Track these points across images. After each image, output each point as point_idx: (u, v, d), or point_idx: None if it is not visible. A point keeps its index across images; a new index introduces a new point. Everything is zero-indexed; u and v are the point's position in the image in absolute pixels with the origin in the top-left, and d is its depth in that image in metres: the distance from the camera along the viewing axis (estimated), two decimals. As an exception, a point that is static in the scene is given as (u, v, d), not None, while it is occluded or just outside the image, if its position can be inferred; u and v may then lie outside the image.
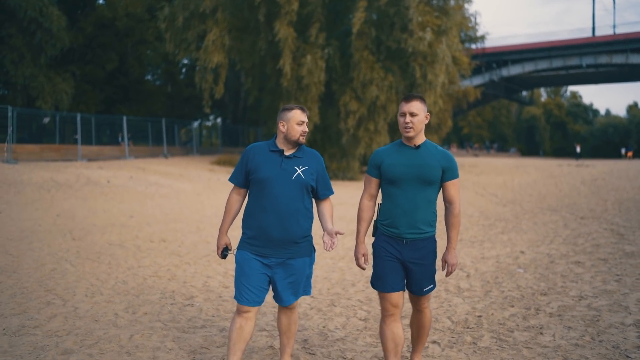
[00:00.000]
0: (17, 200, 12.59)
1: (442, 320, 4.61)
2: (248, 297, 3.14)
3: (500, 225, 10.59)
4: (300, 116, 3.22)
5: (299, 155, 3.24)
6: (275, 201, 3.13)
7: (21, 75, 27.82)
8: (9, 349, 3.80)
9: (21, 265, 6.47)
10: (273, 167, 3.18)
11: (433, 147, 3.21)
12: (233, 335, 3.17)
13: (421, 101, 3.16)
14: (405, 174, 3.12)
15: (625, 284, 5.65)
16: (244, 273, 3.16)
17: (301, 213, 3.18)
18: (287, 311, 3.33)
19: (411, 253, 3.13)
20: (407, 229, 3.12)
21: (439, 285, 5.83)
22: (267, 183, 3.16)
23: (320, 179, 3.29)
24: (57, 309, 4.79)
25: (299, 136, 3.21)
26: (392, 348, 3.19)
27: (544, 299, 5.20)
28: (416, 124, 3.12)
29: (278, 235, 3.13)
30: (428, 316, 3.35)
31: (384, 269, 3.17)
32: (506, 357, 3.75)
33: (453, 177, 3.18)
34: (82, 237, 8.54)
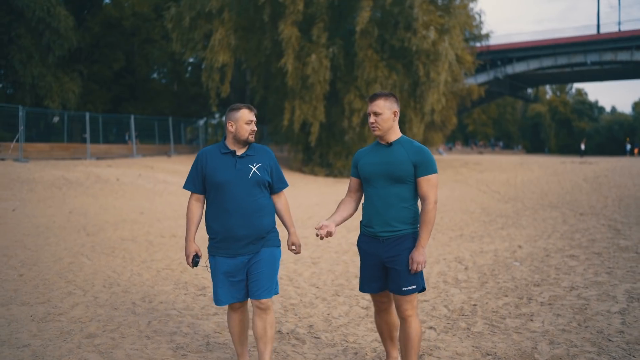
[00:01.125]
0: (30, 197, 12.95)
1: (439, 309, 4.90)
2: (228, 297, 3.24)
3: (500, 221, 10.86)
4: (248, 115, 3.24)
5: (251, 154, 3.29)
6: (236, 202, 3.17)
7: (29, 75, 28.24)
8: (38, 333, 4.13)
9: (40, 259, 6.80)
10: (228, 169, 3.22)
11: (407, 143, 3.16)
12: (235, 329, 3.34)
13: (385, 99, 3.13)
14: (376, 171, 3.12)
15: (616, 275, 5.92)
16: (219, 278, 3.25)
17: (263, 209, 3.24)
18: (261, 314, 3.25)
19: (388, 251, 3.09)
20: (381, 227, 3.10)
21: (437, 277, 6.12)
22: (226, 186, 3.19)
23: (274, 174, 3.35)
24: (78, 298, 5.12)
25: (248, 135, 3.24)
26: (386, 333, 3.35)
27: (537, 289, 5.48)
28: (381, 123, 3.12)
29: (244, 232, 3.18)
30: (414, 327, 3.12)
31: (364, 271, 3.23)
32: (497, 341, 4.04)
33: (426, 172, 3.09)
34: (96, 233, 8.88)
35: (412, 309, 3.10)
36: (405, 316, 3.10)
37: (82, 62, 32.84)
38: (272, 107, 26.20)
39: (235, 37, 22.98)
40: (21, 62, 28.11)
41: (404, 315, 3.11)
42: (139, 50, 36.15)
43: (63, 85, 29.56)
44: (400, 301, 3.09)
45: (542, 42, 50.75)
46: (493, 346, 3.93)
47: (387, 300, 3.28)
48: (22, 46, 27.66)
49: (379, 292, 3.23)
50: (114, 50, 33.98)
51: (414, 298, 3.09)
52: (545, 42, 50.56)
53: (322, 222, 3.09)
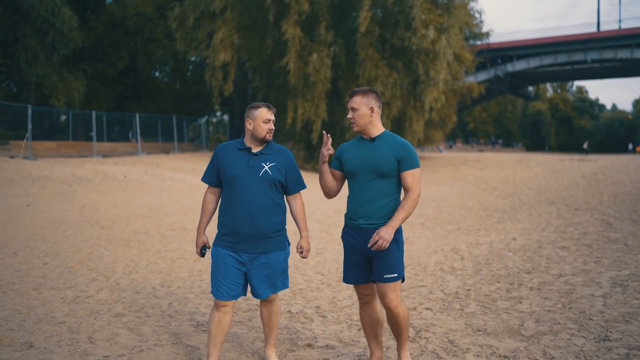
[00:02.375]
0: (42, 194, 13.36)
1: (435, 292, 5.30)
2: (223, 292, 3.23)
3: (497, 215, 11.25)
4: (267, 114, 3.27)
5: (267, 152, 3.30)
6: (244, 198, 3.21)
7: (35, 74, 28.62)
8: (70, 313, 4.54)
9: (61, 249, 7.21)
10: (241, 165, 3.25)
11: (390, 138, 3.20)
12: (213, 329, 3.28)
13: (363, 95, 3.17)
14: (359, 166, 3.17)
15: (603, 264, 6.32)
16: (219, 269, 3.26)
17: (271, 209, 3.24)
18: (267, 304, 3.39)
19: None
20: (364, 220, 3.15)
21: (435, 265, 6.52)
22: (236, 181, 3.23)
23: (290, 175, 3.33)
24: (102, 283, 5.53)
25: (265, 134, 3.26)
26: (370, 331, 3.35)
27: (527, 276, 5.88)
28: (357, 119, 3.16)
29: (249, 231, 3.20)
30: (401, 316, 3.19)
31: (347, 262, 3.28)
32: (487, 320, 4.44)
33: (410, 167, 3.13)
34: (110, 227, 9.29)
35: (397, 298, 3.14)
36: (392, 307, 3.14)
37: (86, 62, 33.23)
38: (274, 106, 26.53)
39: (238, 36, 23.41)
40: (26, 62, 28.48)
41: (390, 306, 3.14)
42: (142, 49, 36.55)
43: (68, 84, 29.93)
44: (385, 290, 3.12)
45: (543, 40, 51.09)
46: (484, 324, 4.33)
47: (371, 293, 3.30)
48: (27, 46, 28.05)
49: (362, 283, 3.25)
50: (118, 49, 34.36)
51: (398, 287, 3.14)
52: (545, 40, 50.89)
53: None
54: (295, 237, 5.19)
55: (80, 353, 3.68)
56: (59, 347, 3.77)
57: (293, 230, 5.89)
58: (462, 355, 3.69)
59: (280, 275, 3.34)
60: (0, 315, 4.43)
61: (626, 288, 5.24)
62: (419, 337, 4.05)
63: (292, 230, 5.70)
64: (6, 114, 22.28)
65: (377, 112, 3.20)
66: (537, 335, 4.04)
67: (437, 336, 4.07)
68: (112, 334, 4.06)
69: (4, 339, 3.89)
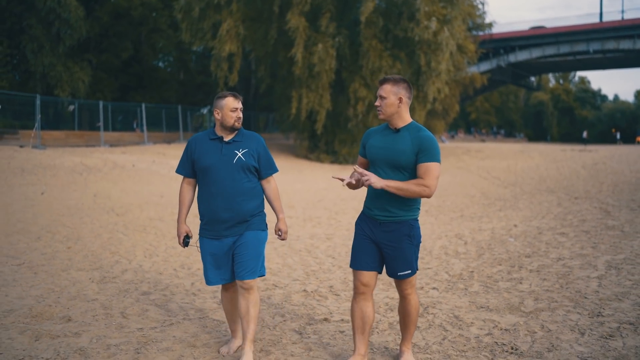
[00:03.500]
0: (54, 182, 13.69)
1: (440, 274, 5.63)
2: (218, 278, 3.41)
3: (499, 204, 11.56)
4: (233, 103, 3.33)
5: (238, 140, 3.38)
6: (221, 185, 3.30)
7: (40, 64, 28.84)
8: (100, 291, 4.87)
9: (81, 235, 7.54)
10: (214, 154, 3.33)
11: (415, 131, 3.12)
12: (227, 307, 3.53)
13: (393, 84, 3.12)
14: (378, 155, 3.15)
15: (600, 249, 6.63)
16: (207, 259, 3.42)
17: (247, 193, 3.34)
18: (244, 293, 3.35)
19: (384, 235, 3.13)
20: (379, 211, 3.14)
21: (440, 250, 6.84)
22: (211, 170, 3.32)
23: (262, 159, 3.42)
24: (125, 265, 5.86)
25: (234, 122, 3.33)
26: (359, 326, 3.24)
27: (528, 259, 6.20)
28: (384, 107, 3.11)
29: (227, 216, 3.30)
30: (413, 303, 3.25)
31: (357, 246, 3.24)
32: (490, 298, 4.76)
33: (426, 159, 3.03)
34: (124, 214, 9.62)
35: (411, 287, 3.20)
36: (405, 294, 3.21)
37: (91, 52, 33.44)
38: (278, 96, 26.86)
39: (243, 27, 23.59)
40: (32, 52, 28.71)
41: (403, 294, 3.22)
42: (147, 39, 36.73)
43: (73, 74, 30.16)
44: (399, 282, 3.20)
45: (545, 30, 51.09)
46: (486, 301, 4.66)
47: (369, 284, 3.21)
48: (33, 36, 28.26)
49: (368, 270, 3.19)
50: (122, 39, 34.54)
51: (412, 278, 3.19)
52: (548, 30, 50.89)
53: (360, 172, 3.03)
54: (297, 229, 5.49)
55: (115, 326, 4.01)
56: (95, 321, 4.10)
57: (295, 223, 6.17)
58: (467, 328, 4.02)
59: (259, 256, 3.38)
60: (36, 293, 4.76)
61: (620, 270, 5.56)
62: (426, 313, 4.37)
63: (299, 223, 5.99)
64: (12, 104, 22.56)
65: (405, 103, 3.13)
66: (536, 312, 4.36)
67: (443, 312, 4.39)
68: (142, 310, 4.39)
69: (44, 313, 4.22)
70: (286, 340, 3.78)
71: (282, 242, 7.36)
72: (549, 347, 3.62)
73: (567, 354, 3.49)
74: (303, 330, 3.99)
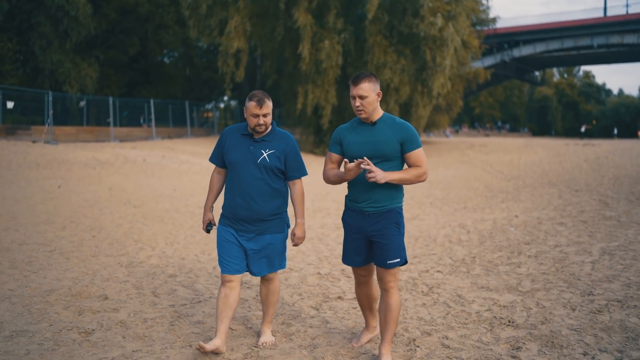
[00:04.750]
0: (69, 176, 14.12)
1: (444, 259, 6.01)
2: (227, 266, 3.38)
3: (501, 196, 11.92)
4: (254, 109, 3.26)
5: (268, 139, 3.35)
6: (241, 183, 3.31)
7: (49, 61, 29.29)
8: (129, 274, 5.28)
9: (103, 225, 7.95)
10: (241, 150, 3.34)
11: (390, 121, 3.19)
12: (220, 304, 3.38)
13: (369, 81, 3.12)
14: (362, 151, 3.14)
15: (595, 237, 7.00)
16: (222, 245, 3.41)
17: (267, 194, 3.33)
18: (266, 282, 3.52)
19: (373, 226, 3.17)
20: (367, 204, 3.17)
21: (443, 238, 7.22)
22: (236, 165, 3.34)
23: (290, 161, 3.37)
24: (149, 252, 6.27)
25: (254, 126, 3.30)
26: (366, 305, 3.54)
27: (527, 246, 6.58)
28: (366, 106, 3.12)
29: (244, 214, 3.32)
30: (395, 298, 3.21)
31: (347, 244, 3.33)
32: (490, 280, 5.15)
33: (413, 147, 3.14)
34: (141, 205, 10.04)
35: (395, 281, 3.21)
36: (388, 287, 3.20)
37: (99, 48, 33.87)
38: (284, 92, 27.24)
39: (249, 24, 23.96)
40: (41, 49, 29.15)
41: (386, 287, 3.20)
42: (153, 35, 37.13)
43: (81, 70, 30.59)
44: (384, 273, 3.19)
45: (549, 25, 51.19)
46: (487, 282, 5.04)
47: (368, 274, 3.42)
48: (41, 33, 28.69)
49: (361, 265, 3.32)
50: (129, 35, 34.93)
51: (396, 271, 3.21)
52: (552, 25, 50.99)
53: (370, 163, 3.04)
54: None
55: (149, 303, 4.42)
56: (129, 299, 4.51)
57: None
58: (468, 305, 4.41)
59: (278, 256, 3.46)
60: (72, 275, 5.18)
61: (613, 256, 5.93)
62: (431, 292, 4.77)
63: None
64: (22, 100, 23.01)
65: (380, 96, 3.19)
66: (532, 291, 4.74)
67: (447, 291, 4.78)
68: (171, 289, 4.80)
69: (82, 292, 4.63)
70: (305, 315, 4.18)
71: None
72: (543, 320, 4.00)
73: (559, 326, 3.88)
74: (319, 307, 4.39)
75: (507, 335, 3.73)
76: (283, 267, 3.54)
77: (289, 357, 3.40)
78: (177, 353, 3.43)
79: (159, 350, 3.47)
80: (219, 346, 3.30)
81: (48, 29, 28.73)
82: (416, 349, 3.50)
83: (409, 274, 5.40)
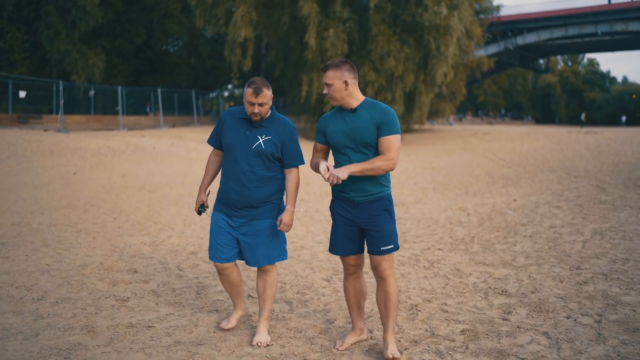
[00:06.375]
0: (83, 163, 14.57)
1: (445, 239, 6.43)
2: (216, 254, 3.39)
3: (501, 182, 12.31)
4: (250, 97, 3.21)
5: (266, 125, 3.30)
6: (235, 167, 3.28)
7: (57, 51, 29.64)
8: (154, 251, 5.72)
9: (122, 208, 8.40)
10: (238, 134, 3.29)
11: (371, 106, 3.14)
12: (226, 286, 3.56)
13: (336, 69, 3.09)
14: (343, 140, 3.12)
15: (589, 219, 7.41)
16: (214, 231, 3.41)
17: (260, 180, 3.28)
18: (262, 274, 3.44)
19: (364, 214, 3.14)
20: (356, 193, 3.12)
21: (445, 220, 7.64)
22: (231, 148, 3.30)
23: (287, 148, 3.31)
24: (169, 232, 6.71)
25: (250, 114, 3.25)
26: (354, 303, 3.35)
27: (523, 227, 6.99)
28: (334, 94, 3.10)
29: (236, 198, 3.29)
30: (392, 285, 3.18)
31: (336, 234, 3.26)
32: (487, 256, 5.57)
33: (387, 132, 3.05)
34: (155, 191, 10.48)
35: (390, 268, 3.17)
36: (384, 275, 3.16)
37: (105, 37, 34.19)
38: (289, 80, 27.57)
39: (256, 13, 24.27)
40: (48, 39, 29.49)
41: (383, 275, 3.16)
42: (159, 25, 37.43)
43: (88, 60, 30.95)
44: (379, 260, 3.14)
45: (553, 12, 51.16)
46: (483, 259, 5.46)
47: (358, 264, 3.30)
48: (49, 23, 29.02)
49: (350, 254, 3.24)
50: (135, 25, 35.24)
51: (391, 257, 3.17)
52: (556, 12, 50.96)
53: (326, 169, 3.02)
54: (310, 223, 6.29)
55: (175, 275, 4.86)
56: (156, 272, 4.96)
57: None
58: (466, 277, 4.83)
59: (275, 245, 3.38)
60: (101, 252, 5.62)
61: (604, 236, 6.34)
62: (432, 267, 5.19)
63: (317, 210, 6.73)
64: (29, 89, 23.41)
65: (352, 84, 3.11)
66: (525, 266, 5.16)
67: (447, 266, 5.21)
68: (193, 264, 5.24)
69: (113, 267, 5.08)
70: (317, 286, 4.62)
71: (304, 213, 8.19)
72: (533, 290, 4.43)
73: (547, 294, 4.30)
74: (330, 279, 4.82)
75: (499, 302, 4.15)
76: (284, 258, 3.46)
77: (305, 319, 3.83)
78: (205, 316, 3.87)
79: (190, 313, 3.92)
80: (243, 314, 3.67)
81: (56, 19, 29.05)
82: (418, 313, 3.93)
83: (412, 251, 5.83)
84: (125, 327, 3.63)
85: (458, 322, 3.74)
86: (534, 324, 3.69)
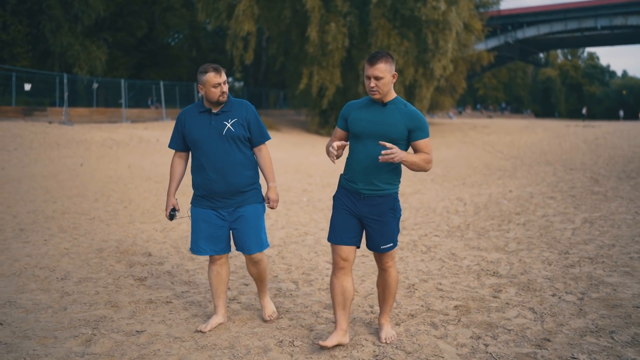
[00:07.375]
0: (88, 155, 14.87)
1: (442, 227, 6.75)
2: (202, 248, 3.42)
3: (498, 174, 12.62)
4: (214, 79, 3.24)
5: (227, 110, 3.33)
6: (212, 158, 3.27)
7: (59, 44, 29.84)
8: (166, 237, 6.03)
9: (131, 198, 8.70)
10: (203, 127, 3.29)
11: (402, 105, 3.12)
12: (213, 282, 3.51)
13: (386, 62, 3.02)
14: (368, 129, 3.08)
15: (580, 209, 7.72)
16: (199, 227, 3.40)
17: (242, 164, 3.33)
18: (254, 263, 3.49)
19: (368, 209, 3.11)
20: (365, 185, 3.10)
21: (442, 209, 7.96)
22: (201, 143, 3.29)
23: (253, 127, 3.38)
24: (178, 220, 7.01)
25: (218, 97, 3.27)
26: (340, 301, 3.20)
27: (517, 216, 7.31)
28: (381, 87, 3.03)
29: (221, 189, 3.29)
30: (393, 276, 3.27)
31: (337, 221, 3.18)
32: (481, 242, 5.88)
33: (422, 136, 3.09)
34: (161, 181, 10.78)
35: (392, 260, 3.24)
36: (386, 267, 3.25)
37: (107, 31, 34.39)
38: (290, 74, 27.84)
39: (257, 7, 24.49)
40: (51, 32, 29.68)
41: (384, 267, 3.25)
42: (160, 18, 37.63)
43: (90, 53, 31.15)
44: (381, 257, 3.23)
45: (553, 6, 51.34)
46: (478, 244, 5.78)
47: (348, 259, 3.19)
48: (52, 16, 29.20)
49: (348, 244, 3.15)
50: (137, 18, 35.43)
51: (393, 252, 3.24)
52: (555, 6, 51.14)
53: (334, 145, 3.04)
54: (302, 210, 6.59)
55: (187, 258, 5.18)
56: (170, 256, 5.27)
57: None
58: (460, 260, 5.15)
59: (262, 230, 3.45)
60: (116, 238, 5.93)
61: (594, 224, 6.65)
62: (429, 251, 5.51)
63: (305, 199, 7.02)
64: (32, 82, 23.65)
65: (395, 77, 3.13)
66: (517, 251, 5.48)
67: (442, 251, 5.53)
68: (204, 249, 5.55)
69: (128, 250, 5.39)
70: (321, 267, 4.94)
71: (307, 202, 8.50)
72: (522, 272, 4.74)
73: (535, 276, 4.62)
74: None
75: (491, 282, 4.47)
76: (267, 245, 3.53)
77: (310, 297, 4.15)
78: (218, 293, 4.18)
79: (204, 291, 4.24)
80: (221, 322, 3.53)
81: (58, 12, 29.24)
82: (415, 291, 4.25)
83: (410, 237, 6.15)
84: (145, 303, 3.95)
85: (452, 299, 4.06)
86: (521, 300, 4.01)
